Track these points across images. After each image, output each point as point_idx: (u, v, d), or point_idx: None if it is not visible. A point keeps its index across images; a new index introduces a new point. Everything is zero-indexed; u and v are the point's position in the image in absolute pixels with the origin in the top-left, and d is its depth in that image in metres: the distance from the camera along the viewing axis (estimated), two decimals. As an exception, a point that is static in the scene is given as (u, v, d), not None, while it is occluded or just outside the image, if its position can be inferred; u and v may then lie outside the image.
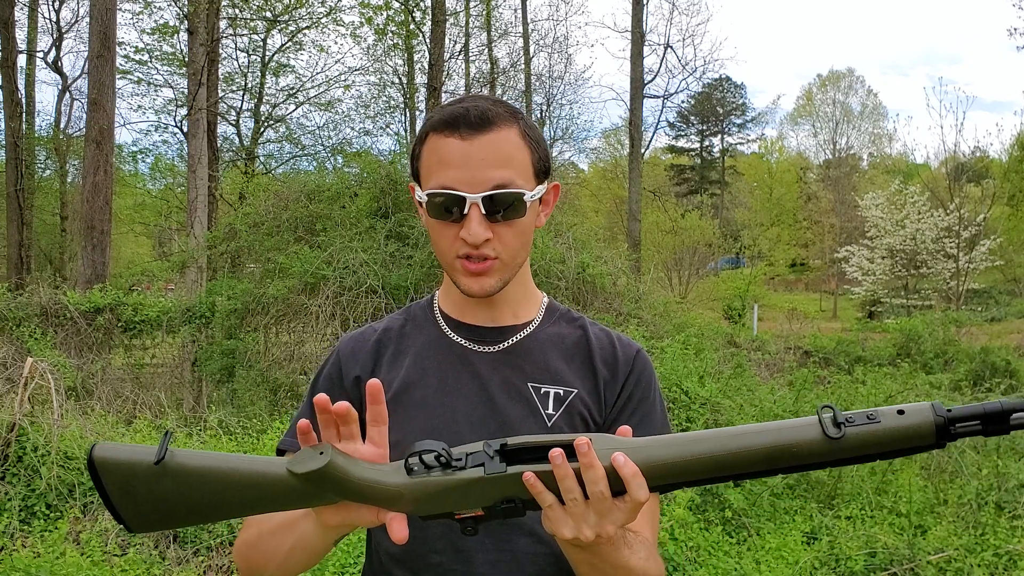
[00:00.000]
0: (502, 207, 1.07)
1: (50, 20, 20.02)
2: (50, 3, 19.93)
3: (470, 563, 1.08)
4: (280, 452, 1.16)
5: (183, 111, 16.55)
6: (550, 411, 1.12)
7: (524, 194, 1.08)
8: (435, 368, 1.16)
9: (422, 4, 16.73)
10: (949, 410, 0.83)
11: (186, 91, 14.93)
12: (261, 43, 20.04)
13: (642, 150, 19.66)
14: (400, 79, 20.42)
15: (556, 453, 0.84)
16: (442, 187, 1.06)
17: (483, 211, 1.05)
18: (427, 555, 1.09)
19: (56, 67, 20.33)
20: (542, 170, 1.13)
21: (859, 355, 11.27)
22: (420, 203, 1.14)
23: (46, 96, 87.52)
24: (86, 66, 14.15)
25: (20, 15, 18.15)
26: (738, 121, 46.90)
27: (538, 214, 1.15)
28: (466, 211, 1.05)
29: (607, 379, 1.17)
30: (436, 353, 1.17)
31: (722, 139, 47.08)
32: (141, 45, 18.73)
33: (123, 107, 22.51)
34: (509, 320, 1.19)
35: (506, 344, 1.17)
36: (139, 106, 33.30)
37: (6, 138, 17.24)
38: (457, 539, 1.08)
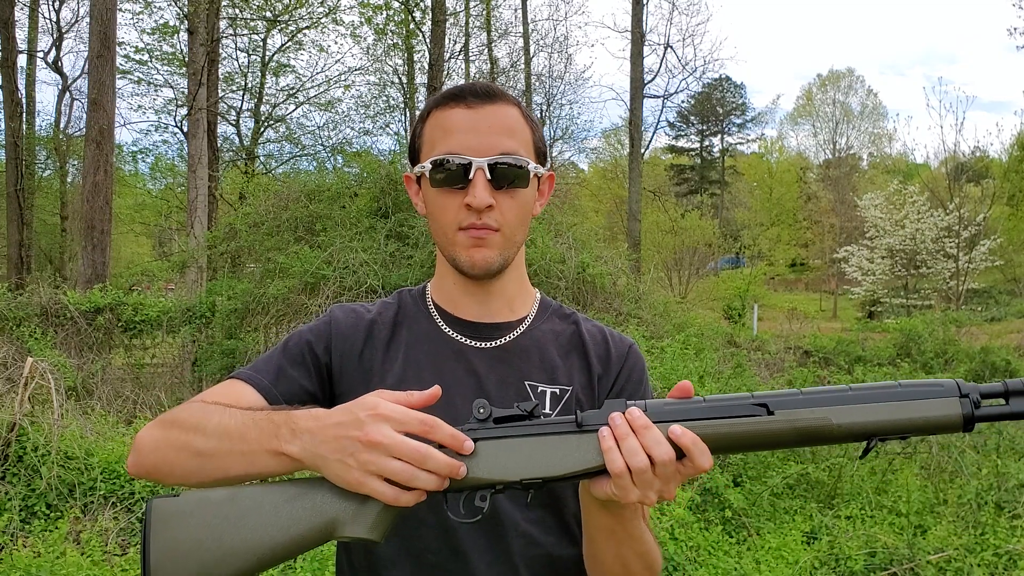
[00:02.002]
0: (506, 177, 1.07)
1: (50, 20, 20.04)
2: (50, 3, 19.95)
3: (466, 564, 1.08)
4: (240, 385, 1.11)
5: (183, 111, 16.55)
6: (547, 410, 1.12)
7: (528, 164, 1.09)
8: (430, 363, 1.15)
9: (422, 4, 16.73)
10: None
11: (186, 91, 14.93)
12: (261, 43, 20.04)
13: (642, 150, 19.66)
14: (400, 79, 20.44)
15: (615, 415, 0.89)
16: (447, 153, 1.07)
17: (488, 177, 1.06)
18: (423, 555, 1.08)
19: (56, 67, 20.33)
20: (541, 152, 1.15)
21: (859, 355, 11.26)
22: (419, 178, 1.13)
23: (46, 96, 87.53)
24: (86, 66, 14.16)
25: (20, 15, 18.17)
26: (738, 121, 46.88)
27: (535, 199, 1.15)
28: (471, 176, 1.05)
29: (600, 374, 1.17)
30: (430, 347, 1.16)
31: (722, 139, 47.06)
32: (141, 45, 18.73)
33: (123, 107, 22.48)
34: (504, 315, 1.18)
35: (502, 341, 1.16)
36: (139, 106, 33.42)
37: (6, 138, 17.23)
38: (453, 540, 1.08)
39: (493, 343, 1.16)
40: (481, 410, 0.92)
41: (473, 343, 1.16)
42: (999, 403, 0.91)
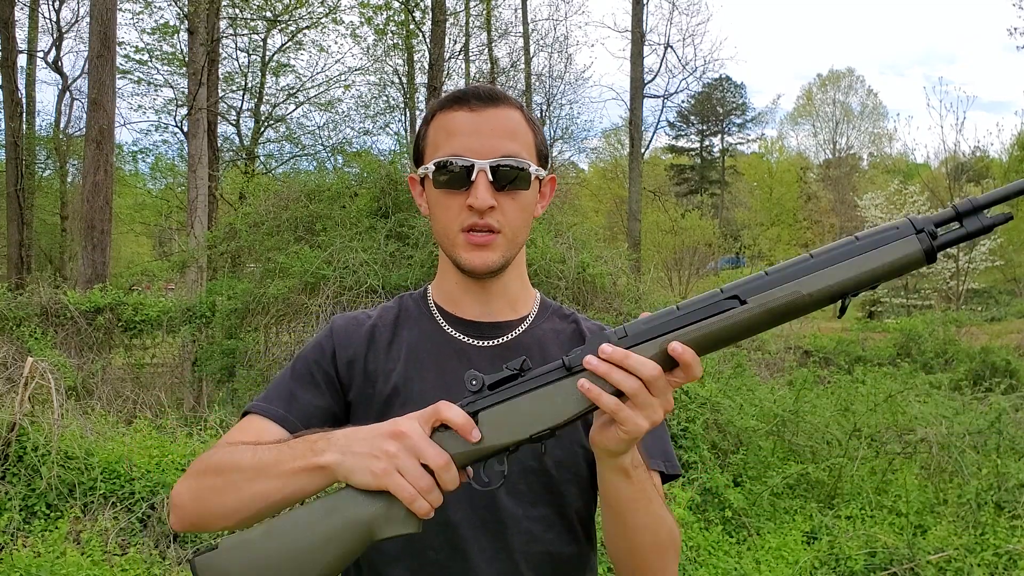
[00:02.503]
0: (508, 178, 1.09)
1: (50, 20, 20.03)
2: (50, 3, 19.94)
3: (467, 560, 1.09)
4: (246, 414, 1.14)
5: (183, 111, 16.54)
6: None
7: (530, 166, 1.11)
8: (432, 362, 1.16)
9: (422, 4, 16.72)
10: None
11: (186, 91, 14.91)
12: (261, 43, 20.02)
13: (642, 150, 19.64)
14: (400, 79, 20.42)
15: (589, 357, 0.90)
16: (450, 155, 1.08)
17: (490, 178, 1.07)
18: (424, 552, 1.09)
19: (56, 67, 20.32)
20: (543, 155, 1.16)
21: (859, 355, 11.27)
22: (423, 179, 1.15)
23: (46, 96, 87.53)
24: (86, 66, 14.16)
25: (20, 15, 18.16)
26: (738, 121, 46.85)
27: (536, 201, 1.17)
28: (473, 178, 1.07)
29: None
30: (432, 347, 1.17)
31: (722, 139, 47.03)
32: (141, 45, 18.72)
33: (123, 107, 22.51)
34: (506, 314, 1.19)
35: (503, 339, 1.18)
36: (139, 106, 33.56)
37: (6, 138, 17.22)
38: (454, 537, 1.09)
39: (495, 341, 1.17)
40: (473, 382, 0.95)
41: (475, 342, 1.17)
42: (955, 227, 0.92)
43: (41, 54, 19.84)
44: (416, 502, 0.88)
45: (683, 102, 42.00)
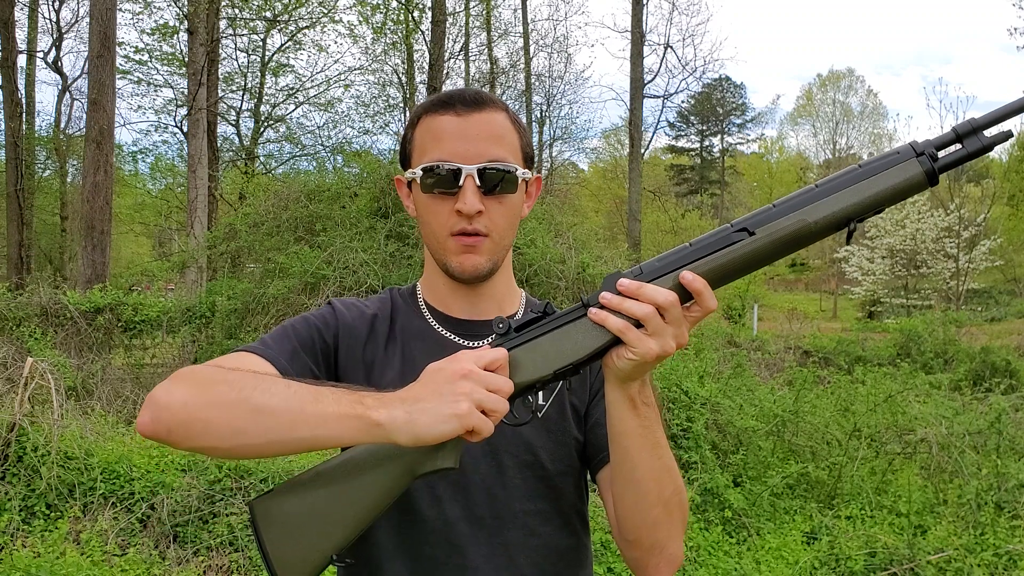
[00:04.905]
0: (495, 182, 1.09)
1: (50, 20, 20.04)
2: (50, 3, 19.95)
3: (463, 556, 1.09)
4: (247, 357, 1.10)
5: (183, 111, 16.56)
6: (540, 402, 1.14)
7: (516, 170, 1.11)
8: (425, 360, 1.15)
9: (421, 4, 16.73)
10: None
11: (186, 91, 14.94)
12: (261, 43, 20.04)
13: (642, 150, 19.65)
14: (400, 79, 20.43)
15: (605, 294, 0.94)
16: (438, 160, 1.09)
17: (477, 183, 1.08)
18: (420, 548, 1.10)
19: (56, 67, 20.33)
20: (528, 156, 1.17)
21: (859, 355, 11.27)
22: (411, 182, 1.15)
23: (46, 96, 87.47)
24: (86, 66, 14.16)
25: (20, 15, 18.16)
26: (738, 121, 46.81)
27: (523, 202, 1.18)
28: (461, 182, 1.08)
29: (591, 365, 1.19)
30: (424, 345, 1.18)
31: (722, 139, 47.01)
32: (141, 45, 18.76)
33: (123, 107, 22.49)
34: (494, 313, 1.20)
35: (492, 338, 1.18)
36: (139, 106, 33.36)
37: (6, 138, 17.23)
38: (450, 534, 1.10)
39: (484, 341, 1.18)
40: (500, 325, 0.99)
41: (464, 341, 1.18)
42: (956, 149, 0.93)
43: (41, 54, 19.87)
44: (485, 428, 0.90)
45: (683, 102, 42.01)
